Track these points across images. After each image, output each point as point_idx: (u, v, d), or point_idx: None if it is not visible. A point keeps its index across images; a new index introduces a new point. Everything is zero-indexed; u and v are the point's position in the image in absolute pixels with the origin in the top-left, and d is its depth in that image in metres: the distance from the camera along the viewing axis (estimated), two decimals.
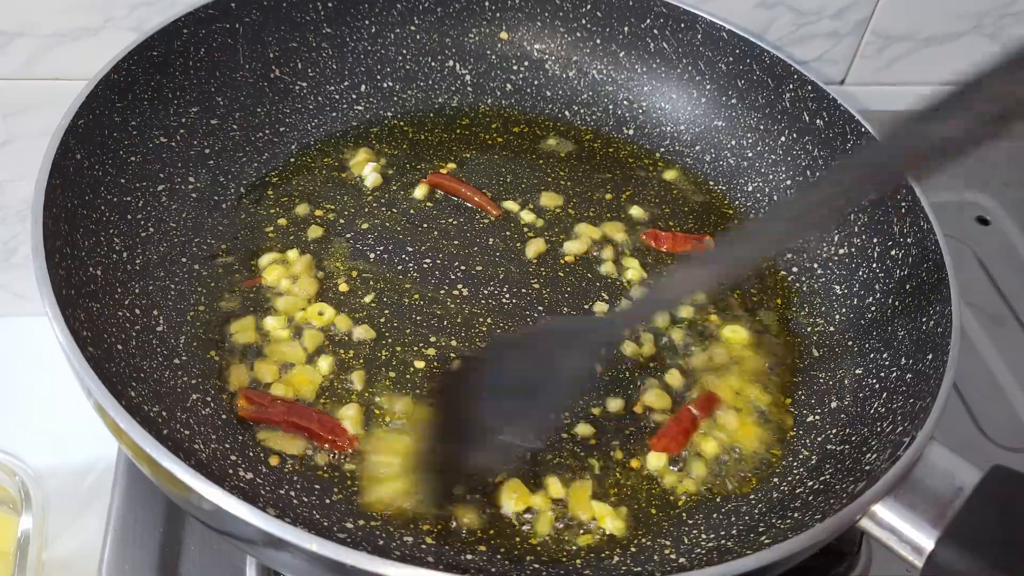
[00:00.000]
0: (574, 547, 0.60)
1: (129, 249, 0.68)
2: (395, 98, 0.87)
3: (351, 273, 0.73)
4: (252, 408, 0.63)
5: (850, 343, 0.73)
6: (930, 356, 0.64)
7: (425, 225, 0.78)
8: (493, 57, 0.91)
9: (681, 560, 0.60)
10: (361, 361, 0.68)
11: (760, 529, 0.61)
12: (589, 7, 0.89)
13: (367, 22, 0.87)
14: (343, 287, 0.72)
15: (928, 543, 0.54)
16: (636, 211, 0.82)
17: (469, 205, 0.80)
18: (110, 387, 0.53)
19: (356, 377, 0.66)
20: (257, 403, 0.63)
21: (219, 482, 0.56)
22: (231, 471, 0.60)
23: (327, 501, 0.60)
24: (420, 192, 0.80)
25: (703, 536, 0.62)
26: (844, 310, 0.75)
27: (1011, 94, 0.45)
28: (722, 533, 0.62)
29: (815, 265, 0.79)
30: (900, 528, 0.54)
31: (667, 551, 0.61)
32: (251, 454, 0.62)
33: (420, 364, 0.68)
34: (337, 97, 0.85)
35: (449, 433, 0.59)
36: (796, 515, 0.61)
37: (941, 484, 0.56)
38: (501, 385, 0.60)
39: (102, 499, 0.72)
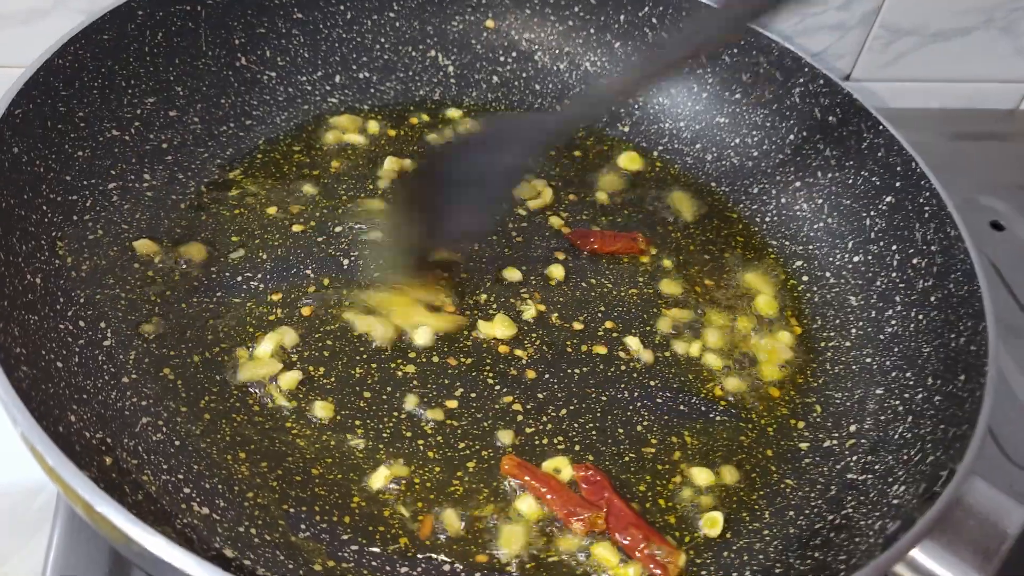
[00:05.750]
0: None
1: (74, 254, 0.61)
2: (372, 90, 0.81)
3: (322, 281, 0.66)
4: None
5: (868, 360, 0.67)
6: (962, 377, 0.58)
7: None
8: (478, 47, 0.84)
9: None
10: (333, 380, 0.61)
11: (777, 571, 0.55)
12: None
13: (342, 7, 0.80)
14: (306, 311, 0.64)
15: None
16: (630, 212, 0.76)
17: None
18: (39, 414, 0.46)
19: (320, 406, 0.60)
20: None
21: (168, 520, 0.51)
22: (184, 506, 0.53)
23: (292, 539, 0.53)
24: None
25: None
26: (861, 324, 0.69)
27: None
28: (734, 575, 0.55)
29: (827, 274, 0.73)
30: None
31: None
32: (207, 485, 0.55)
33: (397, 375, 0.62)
34: (309, 88, 0.79)
35: (417, 214, 0.66)
36: (817, 554, 0.55)
37: (984, 524, 0.50)
38: (458, 175, 0.65)
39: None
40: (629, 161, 0.80)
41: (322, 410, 0.59)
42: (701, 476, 0.60)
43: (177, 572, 0.43)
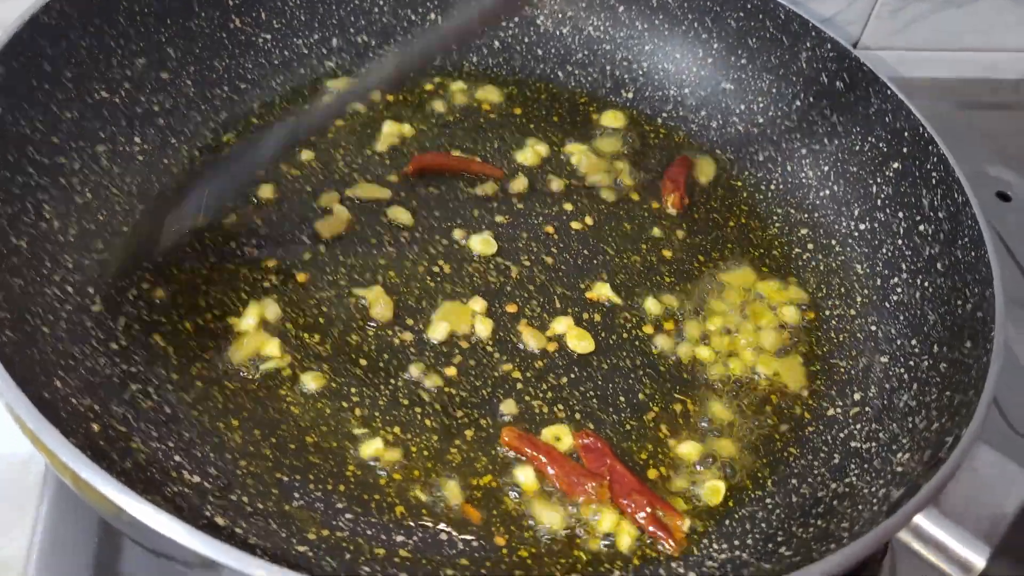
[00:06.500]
0: (571, 559, 0.53)
1: (61, 217, 0.60)
2: (370, 54, 0.79)
3: (318, 247, 0.65)
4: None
5: (873, 328, 0.66)
6: (968, 344, 0.57)
7: (403, 194, 0.70)
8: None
9: (690, 575, 0.53)
10: (329, 348, 0.60)
11: (779, 539, 0.54)
12: None
13: None
14: (302, 277, 0.63)
15: (979, 560, 0.47)
16: (632, 180, 0.74)
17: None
18: (22, 380, 0.45)
19: (312, 376, 0.59)
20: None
21: (157, 488, 0.50)
22: (174, 474, 0.52)
23: (285, 508, 0.52)
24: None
25: (714, 547, 0.54)
26: (866, 292, 0.68)
27: None
28: (735, 543, 0.54)
29: (833, 242, 0.72)
30: (946, 542, 0.47)
31: (674, 564, 0.53)
32: (198, 454, 0.54)
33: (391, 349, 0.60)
34: (305, 52, 0.77)
35: None
36: (819, 522, 0.54)
37: (990, 492, 0.49)
38: None
39: None
40: (612, 119, 0.78)
41: (314, 380, 0.58)
42: (704, 444, 0.59)
43: (166, 541, 0.42)
